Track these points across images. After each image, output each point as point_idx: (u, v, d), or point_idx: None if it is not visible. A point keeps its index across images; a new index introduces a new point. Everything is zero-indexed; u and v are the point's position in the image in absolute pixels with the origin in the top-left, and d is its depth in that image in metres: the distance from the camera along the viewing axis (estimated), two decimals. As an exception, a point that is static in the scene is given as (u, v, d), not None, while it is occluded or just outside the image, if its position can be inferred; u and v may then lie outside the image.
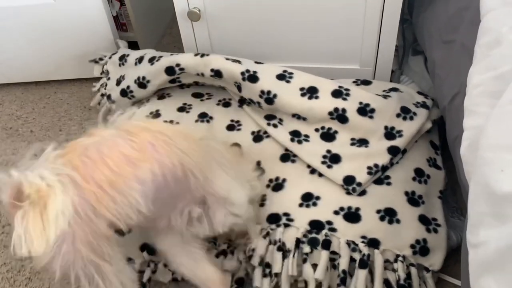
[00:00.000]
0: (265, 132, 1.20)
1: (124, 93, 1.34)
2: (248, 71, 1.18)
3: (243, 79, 1.18)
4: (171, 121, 1.23)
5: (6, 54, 1.57)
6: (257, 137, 1.20)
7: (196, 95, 1.33)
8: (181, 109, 1.28)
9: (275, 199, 1.07)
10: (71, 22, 1.49)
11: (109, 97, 1.38)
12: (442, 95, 1.05)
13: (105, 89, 1.42)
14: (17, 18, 1.48)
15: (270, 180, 1.11)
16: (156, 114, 1.27)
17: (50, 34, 1.51)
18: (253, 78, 1.18)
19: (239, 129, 1.22)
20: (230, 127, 1.23)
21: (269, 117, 1.21)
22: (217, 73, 1.21)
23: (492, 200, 0.59)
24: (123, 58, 1.39)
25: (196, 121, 1.24)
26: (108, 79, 1.42)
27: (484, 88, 0.77)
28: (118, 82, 1.37)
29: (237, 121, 1.25)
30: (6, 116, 1.54)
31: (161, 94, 1.35)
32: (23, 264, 1.10)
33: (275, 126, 1.19)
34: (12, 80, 1.65)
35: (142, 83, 1.30)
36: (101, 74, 1.46)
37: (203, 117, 1.25)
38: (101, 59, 1.47)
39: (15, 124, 1.51)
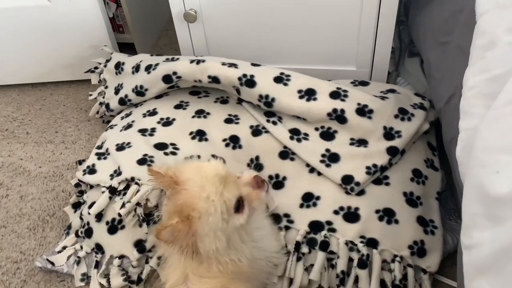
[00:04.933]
0: (264, 127, 1.19)
1: (122, 101, 1.33)
2: (245, 75, 1.18)
3: (241, 84, 1.18)
4: (167, 118, 1.23)
5: (1, 56, 1.56)
6: (256, 131, 1.19)
7: (193, 93, 1.33)
8: (178, 106, 1.28)
9: (275, 198, 1.07)
10: (67, 24, 1.48)
11: (107, 106, 1.38)
12: (438, 97, 1.06)
13: (103, 97, 1.41)
14: (13, 20, 1.47)
15: (270, 177, 1.12)
16: (153, 112, 1.26)
17: (45, 35, 1.51)
18: (250, 83, 1.18)
19: (237, 123, 1.22)
20: (228, 120, 1.22)
21: (268, 114, 1.21)
22: (215, 79, 1.21)
23: (486, 201, 0.59)
24: (119, 67, 1.39)
25: (193, 117, 1.24)
26: (106, 87, 1.42)
27: (479, 90, 0.78)
28: (117, 91, 1.37)
29: (235, 115, 1.24)
30: (2, 118, 1.54)
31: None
32: (19, 267, 1.09)
33: (274, 123, 1.19)
34: (8, 82, 1.64)
35: (140, 91, 1.30)
36: (98, 82, 1.45)
37: (200, 113, 1.25)
38: (96, 68, 1.47)
39: (11, 126, 1.50)
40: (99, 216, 1.07)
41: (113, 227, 1.06)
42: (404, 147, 1.10)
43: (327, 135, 1.15)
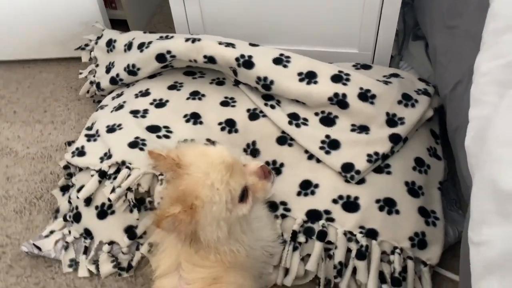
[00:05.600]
0: (262, 111, 1.14)
1: (114, 81, 1.28)
2: (243, 56, 1.13)
3: (238, 65, 1.13)
4: (160, 100, 1.18)
5: (-12, 31, 1.49)
6: (253, 115, 1.14)
7: (188, 73, 1.27)
8: (172, 87, 1.23)
9: (273, 185, 1.03)
10: (57, -2, 1.41)
11: (98, 85, 1.32)
12: (444, 83, 1.02)
13: (94, 76, 1.35)
14: (0, -7, 1.40)
15: (267, 163, 1.07)
16: (146, 93, 1.21)
17: (35, 10, 1.44)
18: (248, 64, 1.12)
19: (233, 106, 1.17)
20: (224, 103, 1.17)
21: (266, 97, 1.16)
22: (211, 60, 1.15)
23: (499, 197, 0.56)
24: (110, 44, 1.32)
25: (188, 98, 1.18)
26: (97, 65, 1.36)
27: (493, 77, 0.74)
28: (108, 70, 1.31)
29: (232, 98, 1.19)
30: (-12, 95, 1.48)
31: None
32: (4, 251, 1.05)
33: (272, 107, 1.14)
34: (-6, 58, 1.58)
35: (132, 70, 1.24)
36: (89, 60, 1.39)
37: (195, 95, 1.20)
38: (87, 45, 1.40)
39: (-2, 104, 1.44)
40: (88, 201, 1.02)
41: (103, 212, 1.02)
42: (407, 135, 1.06)
43: (328, 120, 1.11)
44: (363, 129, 1.08)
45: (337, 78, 1.11)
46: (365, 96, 1.09)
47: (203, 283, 0.76)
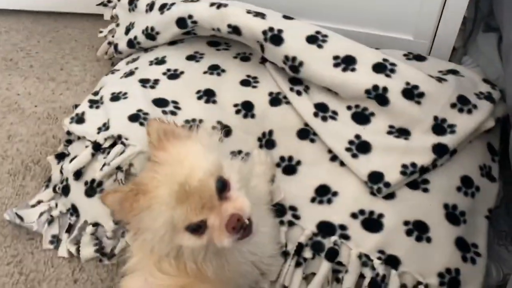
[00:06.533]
0: (286, 97, 1.00)
1: (131, 44, 1.16)
2: (271, 29, 0.96)
3: (265, 39, 0.97)
4: (175, 70, 1.05)
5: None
6: (275, 100, 1.00)
7: (212, 44, 1.13)
8: (191, 58, 1.09)
9: (284, 185, 0.89)
10: None
11: (116, 46, 1.21)
12: (514, 88, 0.82)
13: (113, 37, 1.26)
14: None
15: (282, 158, 0.93)
16: (161, 61, 1.08)
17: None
18: (276, 39, 0.96)
19: (255, 86, 1.02)
20: (245, 83, 1.03)
21: (294, 81, 1.00)
22: (235, 30, 1.00)
23: None
24: (132, 2, 1.20)
25: (205, 72, 1.05)
26: (117, 25, 1.25)
27: None
28: (127, 31, 1.20)
29: (254, 78, 1.04)
30: (10, 46, 1.42)
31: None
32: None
33: (298, 93, 0.98)
34: (22, 7, 1.51)
35: (150, 34, 1.11)
36: (110, 18, 1.29)
37: (214, 69, 1.06)
38: (109, 1, 1.29)
39: (16, 56, 1.38)
40: (77, 174, 0.92)
41: (91, 189, 0.92)
42: (456, 147, 0.87)
43: (361, 117, 0.93)
44: (403, 133, 0.90)
45: (379, 68, 0.93)
46: (411, 93, 0.90)
47: None
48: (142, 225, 0.64)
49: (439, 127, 0.88)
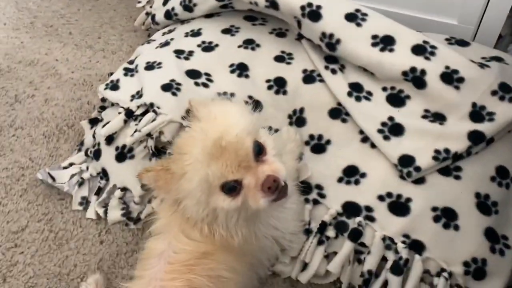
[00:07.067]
0: (320, 75, 0.97)
1: (168, 15, 1.17)
2: (310, 5, 0.94)
3: (303, 15, 0.95)
4: (210, 43, 1.05)
5: None
6: (309, 77, 0.98)
7: (249, 18, 1.12)
8: (226, 31, 1.09)
9: (312, 163, 0.88)
10: None
11: (153, 17, 1.22)
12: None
13: (151, 7, 1.26)
14: None
15: (311, 137, 0.92)
16: (197, 33, 1.08)
17: None
18: (314, 15, 0.94)
19: (289, 63, 1.01)
20: (279, 58, 1.01)
21: (329, 59, 0.98)
22: (273, 4, 0.98)
23: None
24: (172, -27, 1.20)
25: (239, 46, 1.04)
26: (157, -6, 1.25)
27: None
28: (165, 1, 1.20)
29: (289, 54, 1.02)
30: (50, 12, 1.44)
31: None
32: (24, 174, 1.01)
33: (333, 71, 0.95)
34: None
35: (188, 5, 1.11)
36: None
37: (249, 43, 1.05)
38: (149, -28, 1.30)
39: (56, 22, 1.40)
40: (109, 139, 0.94)
41: (122, 155, 0.93)
42: (493, 135, 0.83)
43: (396, 99, 0.91)
44: (438, 117, 0.87)
45: (419, 50, 0.90)
46: (450, 77, 0.87)
47: (190, 255, 0.67)
48: (180, 194, 0.63)
49: (477, 114, 0.85)
